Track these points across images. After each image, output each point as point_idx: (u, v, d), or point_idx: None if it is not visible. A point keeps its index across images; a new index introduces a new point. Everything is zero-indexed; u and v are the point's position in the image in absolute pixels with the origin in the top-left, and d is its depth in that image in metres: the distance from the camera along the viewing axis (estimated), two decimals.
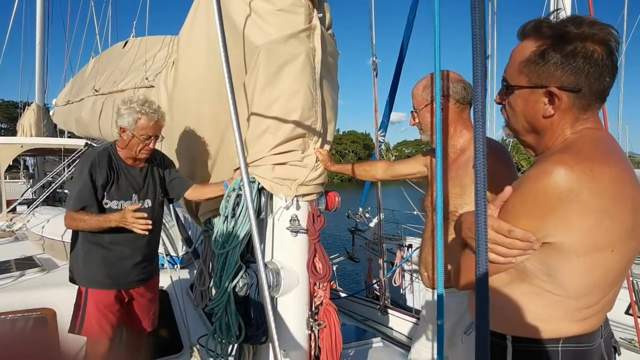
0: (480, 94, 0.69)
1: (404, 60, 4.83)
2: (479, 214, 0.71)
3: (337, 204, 1.77)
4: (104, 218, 1.96)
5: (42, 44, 7.16)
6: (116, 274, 2.05)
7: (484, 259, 0.72)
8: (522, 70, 0.93)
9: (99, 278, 2.03)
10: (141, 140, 2.01)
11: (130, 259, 2.07)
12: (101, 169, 2.00)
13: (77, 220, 1.96)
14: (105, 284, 2.03)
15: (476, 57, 0.68)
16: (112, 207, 2.02)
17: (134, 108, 2.00)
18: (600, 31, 0.87)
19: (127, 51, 3.65)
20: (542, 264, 0.90)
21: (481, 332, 0.71)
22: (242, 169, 0.93)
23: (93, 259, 2.03)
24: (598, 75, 0.88)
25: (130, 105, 2.01)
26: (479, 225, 0.72)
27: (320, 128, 1.69)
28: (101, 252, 2.03)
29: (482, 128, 0.70)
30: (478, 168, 0.69)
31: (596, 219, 0.84)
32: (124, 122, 2.02)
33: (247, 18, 1.61)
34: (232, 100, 0.93)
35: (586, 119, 0.93)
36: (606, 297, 0.94)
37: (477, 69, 0.68)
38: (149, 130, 2.01)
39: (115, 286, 2.06)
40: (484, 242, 0.72)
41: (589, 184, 0.82)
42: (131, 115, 2.00)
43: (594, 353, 0.94)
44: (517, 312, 0.95)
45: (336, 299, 5.11)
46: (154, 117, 2.02)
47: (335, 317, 1.67)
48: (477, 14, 0.68)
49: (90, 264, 2.03)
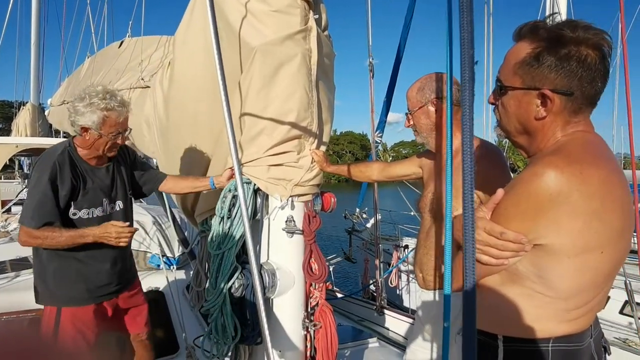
0: (467, 99, 0.70)
1: (401, 61, 4.85)
2: (466, 221, 0.72)
3: (332, 205, 1.77)
4: (79, 234, 1.70)
5: (38, 43, 7.11)
6: (94, 287, 1.84)
7: (471, 262, 0.72)
8: (516, 71, 0.94)
9: (74, 294, 1.80)
10: (111, 138, 1.77)
11: (108, 269, 1.87)
12: (64, 177, 1.72)
13: (39, 238, 1.68)
14: (82, 300, 1.81)
15: (464, 63, 0.68)
16: (82, 216, 1.78)
17: (97, 104, 1.73)
18: (594, 36, 0.88)
19: (123, 51, 3.64)
20: (534, 266, 0.90)
21: (468, 333, 0.71)
22: (236, 170, 0.93)
23: (66, 275, 1.79)
24: (590, 79, 0.89)
25: (91, 101, 1.73)
26: (466, 231, 0.72)
27: (316, 129, 1.69)
28: (75, 266, 1.79)
29: (469, 132, 0.70)
30: (465, 172, 0.70)
31: (586, 220, 0.85)
32: (86, 121, 1.73)
33: (243, 19, 1.61)
34: (226, 102, 0.93)
35: (577, 122, 0.94)
36: (596, 298, 0.95)
37: (465, 74, 0.69)
38: (119, 127, 1.78)
39: (93, 300, 1.85)
40: (471, 246, 0.72)
41: (579, 186, 0.83)
42: (95, 113, 1.72)
43: (584, 352, 0.95)
44: (508, 312, 0.96)
45: (332, 300, 5.12)
46: (123, 112, 1.79)
47: (331, 318, 1.67)
48: (465, 17, 0.68)
49: (62, 279, 1.79)
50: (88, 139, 1.78)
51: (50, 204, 1.68)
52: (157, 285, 2.64)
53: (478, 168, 1.38)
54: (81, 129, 1.77)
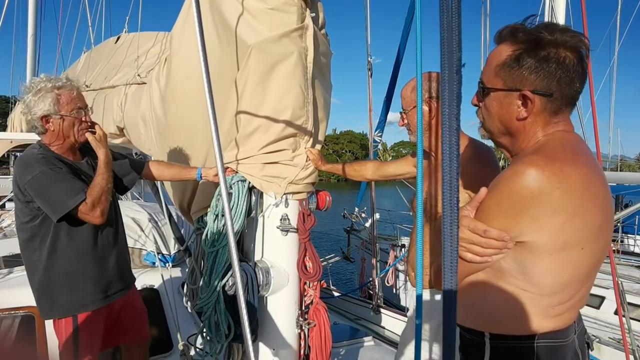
0: (447, 98, 0.69)
1: (402, 61, 4.86)
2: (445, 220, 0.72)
3: (327, 204, 1.77)
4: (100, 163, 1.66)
5: (34, 37, 7.07)
6: (104, 286, 1.78)
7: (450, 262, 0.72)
8: (497, 73, 0.96)
9: (86, 298, 1.73)
10: (74, 116, 1.69)
11: (112, 264, 1.82)
12: (57, 165, 1.65)
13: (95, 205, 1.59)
14: (95, 302, 1.74)
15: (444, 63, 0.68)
16: (75, 214, 1.67)
17: (44, 87, 1.66)
18: (572, 38, 0.90)
19: (119, 47, 3.62)
20: (517, 263, 0.92)
21: (447, 332, 0.72)
22: (219, 171, 0.92)
23: (75, 278, 1.71)
24: (569, 80, 0.91)
25: (38, 87, 1.66)
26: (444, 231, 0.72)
27: (312, 127, 1.69)
28: (80, 267, 1.72)
29: (449, 131, 0.70)
30: (444, 171, 0.69)
31: (567, 217, 0.86)
32: (42, 110, 1.65)
33: (239, 17, 1.61)
34: (211, 102, 0.92)
35: (557, 122, 0.96)
36: (579, 294, 0.97)
37: (445, 74, 0.68)
38: (77, 101, 1.72)
39: (105, 300, 1.78)
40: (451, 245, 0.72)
41: (559, 184, 0.85)
42: (46, 96, 1.65)
43: (569, 348, 0.97)
44: (493, 309, 0.98)
45: (329, 298, 5.13)
46: (73, 85, 1.73)
47: (325, 316, 1.67)
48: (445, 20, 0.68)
49: (73, 284, 1.70)
50: (53, 130, 1.69)
51: (71, 179, 1.63)
52: (152, 283, 2.63)
53: (470, 168, 1.38)
54: (41, 120, 1.67)
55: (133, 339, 2.03)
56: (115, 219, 1.88)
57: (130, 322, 1.98)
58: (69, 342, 1.66)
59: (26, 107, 1.68)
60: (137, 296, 2.06)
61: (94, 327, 1.74)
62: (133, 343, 2.04)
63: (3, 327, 2.12)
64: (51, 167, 1.63)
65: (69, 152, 1.77)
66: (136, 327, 2.02)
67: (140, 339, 2.05)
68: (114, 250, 1.84)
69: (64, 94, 1.69)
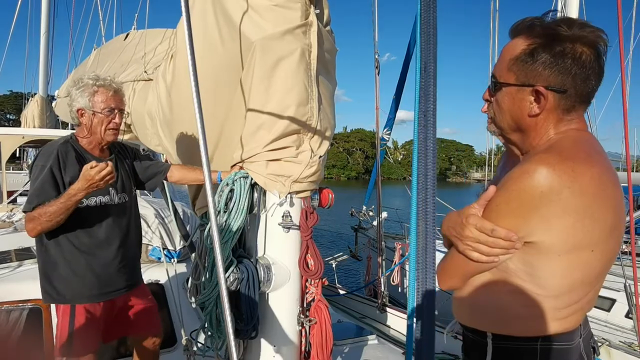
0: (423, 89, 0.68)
1: (411, 58, 4.83)
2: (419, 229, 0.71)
3: (330, 201, 1.76)
4: (66, 196, 1.60)
5: (47, 35, 7.17)
6: (105, 281, 1.83)
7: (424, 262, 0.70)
8: (510, 67, 0.93)
9: (85, 290, 1.78)
10: (105, 115, 1.79)
11: (116, 263, 1.86)
12: (68, 164, 1.73)
13: (37, 218, 1.62)
14: (92, 297, 1.79)
15: None
16: (90, 204, 1.77)
17: (87, 84, 1.79)
18: (590, 34, 0.87)
19: (128, 43, 3.65)
20: (524, 263, 0.90)
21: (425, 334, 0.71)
22: (205, 170, 0.91)
23: (76, 269, 1.76)
24: (585, 77, 0.88)
25: (82, 84, 1.80)
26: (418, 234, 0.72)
27: (316, 124, 1.68)
28: (84, 259, 1.78)
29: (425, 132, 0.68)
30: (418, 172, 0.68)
31: (577, 218, 0.84)
32: (80, 104, 1.79)
33: (244, 13, 1.61)
34: (198, 103, 0.91)
35: (570, 120, 0.93)
36: (586, 297, 0.94)
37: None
38: (110, 101, 1.81)
39: (104, 296, 1.83)
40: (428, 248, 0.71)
41: (570, 183, 0.82)
42: (85, 91, 1.79)
43: (573, 351, 0.95)
44: (497, 310, 0.96)
45: (335, 296, 5.13)
46: (112, 87, 1.83)
47: (326, 314, 1.67)
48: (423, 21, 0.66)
49: (74, 274, 1.76)
50: (85, 123, 1.83)
51: (49, 189, 1.68)
52: (157, 278, 2.65)
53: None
54: (77, 113, 1.82)
55: (141, 332, 2.07)
56: (128, 223, 1.94)
57: (138, 316, 2.02)
58: (64, 329, 1.75)
59: (70, 98, 1.84)
60: (146, 291, 2.11)
61: (91, 320, 1.79)
62: (141, 335, 2.08)
63: (11, 319, 2.16)
64: (51, 164, 1.70)
65: (96, 148, 1.88)
66: (144, 320, 2.05)
67: (148, 332, 2.08)
68: (121, 250, 1.89)
69: (101, 92, 1.81)
